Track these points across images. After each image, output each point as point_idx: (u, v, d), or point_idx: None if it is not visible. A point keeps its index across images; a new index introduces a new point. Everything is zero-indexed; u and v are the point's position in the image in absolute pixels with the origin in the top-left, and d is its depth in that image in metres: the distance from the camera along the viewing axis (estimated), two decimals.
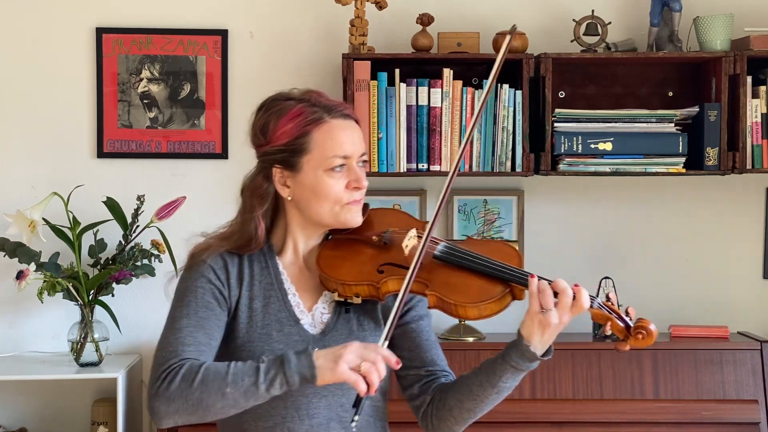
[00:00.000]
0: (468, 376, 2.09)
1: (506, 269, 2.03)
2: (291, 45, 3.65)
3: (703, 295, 3.72)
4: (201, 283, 2.08)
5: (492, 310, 2.02)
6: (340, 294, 2.10)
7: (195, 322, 2.03)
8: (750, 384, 3.37)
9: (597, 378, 3.37)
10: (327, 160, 2.06)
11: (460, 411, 2.08)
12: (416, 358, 2.15)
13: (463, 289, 2.03)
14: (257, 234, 2.11)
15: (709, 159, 3.43)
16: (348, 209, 2.10)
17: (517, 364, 2.01)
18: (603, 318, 2.03)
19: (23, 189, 3.62)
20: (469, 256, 2.06)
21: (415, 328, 2.15)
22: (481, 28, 3.61)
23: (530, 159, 3.43)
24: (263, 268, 2.13)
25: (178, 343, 2.00)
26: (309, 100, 2.11)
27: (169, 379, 1.93)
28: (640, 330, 2.02)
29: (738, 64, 3.41)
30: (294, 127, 2.07)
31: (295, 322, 2.10)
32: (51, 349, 3.63)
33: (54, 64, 3.63)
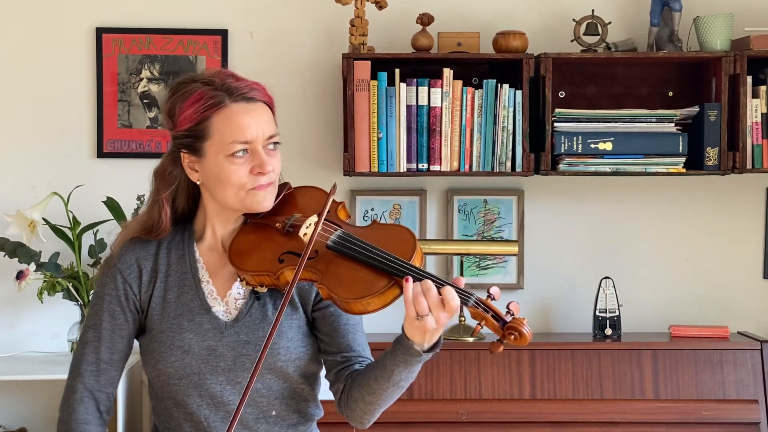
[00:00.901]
0: (368, 370, 2.07)
1: (392, 263, 1.97)
2: (291, 45, 3.65)
3: (703, 295, 3.72)
4: (108, 290, 2.14)
5: (377, 305, 1.97)
6: (247, 282, 2.09)
7: (99, 335, 2.13)
8: (750, 384, 3.37)
9: (597, 378, 3.37)
10: (227, 146, 2.03)
11: (364, 404, 2.07)
12: (333, 343, 2.12)
13: (348, 282, 1.98)
14: (161, 217, 2.11)
15: (709, 159, 3.43)
16: (253, 194, 2.06)
17: (405, 360, 1.98)
18: (478, 316, 1.94)
19: (23, 189, 3.62)
20: (358, 248, 2.00)
21: (333, 312, 2.12)
22: (481, 28, 3.61)
23: (530, 159, 3.43)
24: (180, 256, 2.14)
25: (83, 360, 2.14)
26: (213, 83, 2.06)
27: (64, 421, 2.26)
28: (512, 331, 1.91)
29: (738, 64, 3.40)
30: (194, 112, 2.05)
31: (207, 311, 2.10)
32: (51, 349, 3.63)
33: (54, 64, 3.63)
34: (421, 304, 1.91)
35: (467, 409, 3.30)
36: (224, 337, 2.09)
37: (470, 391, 3.33)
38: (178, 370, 2.08)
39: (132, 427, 3.51)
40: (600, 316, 3.54)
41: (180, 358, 2.08)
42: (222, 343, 2.08)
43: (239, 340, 2.08)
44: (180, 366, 2.08)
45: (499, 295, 1.95)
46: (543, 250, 3.69)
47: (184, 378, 2.08)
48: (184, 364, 2.08)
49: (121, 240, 2.16)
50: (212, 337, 2.09)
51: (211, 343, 2.08)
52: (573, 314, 3.68)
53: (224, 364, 2.08)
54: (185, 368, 2.08)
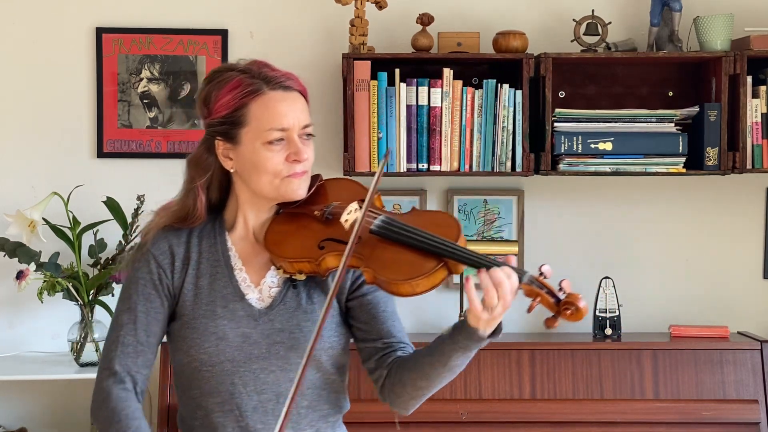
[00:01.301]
0: (421, 355, 2.07)
1: (441, 244, 1.98)
2: (291, 45, 3.65)
3: (703, 295, 3.72)
4: (142, 274, 2.12)
5: (425, 286, 1.98)
6: (284, 270, 2.08)
7: (134, 317, 2.10)
8: (750, 384, 3.37)
9: (597, 378, 3.37)
10: (264, 133, 2.05)
11: (414, 388, 2.07)
12: (372, 330, 2.13)
13: (396, 265, 1.99)
14: (196, 206, 2.12)
15: (709, 159, 3.43)
16: (288, 182, 2.08)
17: (465, 346, 1.99)
18: (532, 293, 1.96)
19: (23, 189, 3.62)
20: (404, 230, 2.02)
21: (371, 300, 2.13)
22: (481, 28, 3.61)
23: (530, 159, 3.43)
24: (212, 245, 2.14)
25: (119, 344, 2.09)
26: (250, 71, 2.10)
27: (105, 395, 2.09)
28: (568, 306, 1.93)
29: (738, 64, 3.40)
30: (232, 98, 2.07)
31: (240, 298, 2.10)
32: (51, 349, 3.63)
33: (54, 64, 3.63)
34: (492, 295, 1.91)
35: (467, 409, 3.30)
36: (258, 324, 2.08)
37: (470, 391, 3.33)
38: (212, 356, 2.07)
39: None
40: (600, 316, 3.54)
41: (214, 344, 2.07)
42: (256, 330, 2.08)
43: (273, 327, 2.08)
44: (214, 352, 2.07)
45: (550, 273, 1.98)
46: (543, 250, 3.69)
47: (217, 365, 2.07)
48: (218, 350, 2.07)
49: (154, 227, 2.15)
50: (246, 324, 2.08)
51: (245, 330, 2.08)
52: None
53: (258, 351, 2.07)
54: (219, 355, 2.07)
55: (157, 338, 2.13)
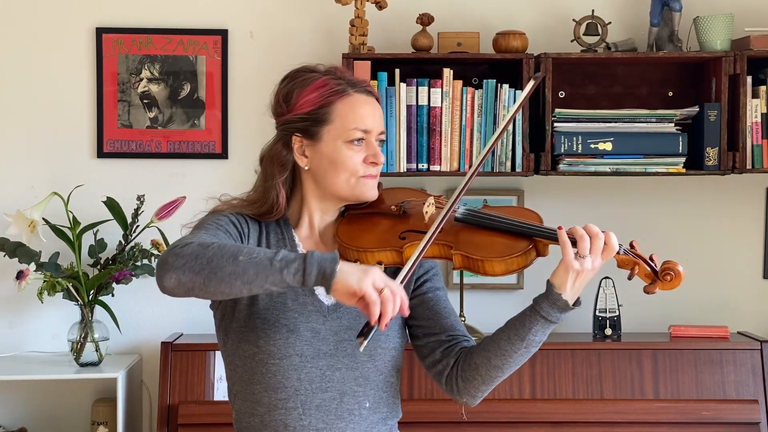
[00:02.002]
0: (495, 334, 2.09)
1: (529, 226, 2.05)
2: (291, 45, 3.65)
3: (703, 295, 3.72)
4: (223, 219, 2.08)
5: (519, 264, 2.03)
6: (361, 262, 2.08)
7: (213, 233, 2.01)
8: (750, 384, 3.37)
9: (597, 378, 3.37)
10: (347, 132, 2.08)
11: (488, 368, 2.08)
12: (436, 325, 2.15)
13: (488, 245, 2.04)
14: (278, 201, 2.12)
15: (709, 159, 3.43)
16: (364, 182, 2.11)
17: (548, 314, 2.03)
18: (630, 263, 2.05)
19: (23, 189, 3.62)
20: (491, 217, 2.08)
21: (432, 297, 2.16)
22: (481, 28, 3.61)
23: (530, 159, 3.43)
24: (279, 239, 2.14)
25: (194, 236, 1.97)
26: (334, 73, 2.14)
27: (185, 244, 1.90)
28: (668, 271, 2.04)
29: (738, 64, 3.41)
30: (318, 96, 2.09)
31: (311, 292, 2.10)
32: (51, 349, 3.63)
33: (54, 64, 3.63)
34: (586, 242, 1.98)
35: (467, 409, 3.30)
36: (327, 320, 2.08)
37: None
38: (281, 349, 2.05)
39: (132, 427, 3.51)
40: (600, 316, 3.54)
41: (285, 336, 2.05)
42: (325, 326, 2.08)
43: (342, 325, 2.08)
44: (284, 345, 2.05)
45: (639, 246, 2.08)
46: None
47: (286, 358, 2.05)
48: (288, 343, 2.05)
49: (228, 208, 2.12)
50: (316, 319, 2.08)
51: (315, 325, 2.07)
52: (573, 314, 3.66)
53: (326, 347, 2.07)
54: (288, 348, 2.05)
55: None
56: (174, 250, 1.90)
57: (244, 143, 3.65)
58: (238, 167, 3.62)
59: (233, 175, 3.61)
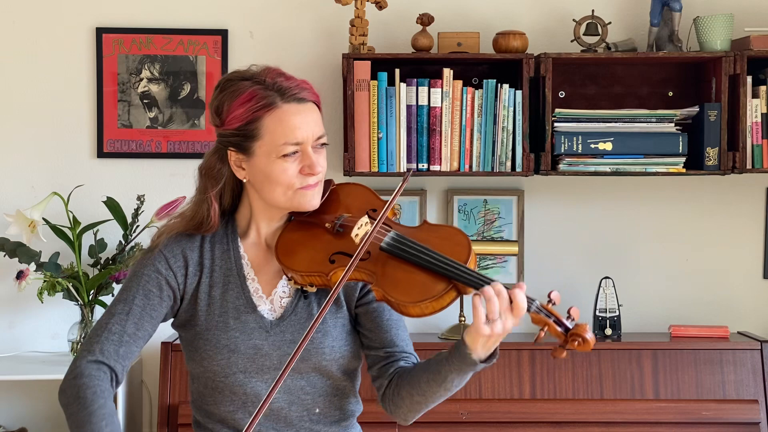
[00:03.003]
0: (419, 370, 2.07)
1: (450, 266, 1.98)
2: (291, 45, 3.65)
3: (703, 295, 3.72)
4: (148, 271, 2.10)
5: (433, 308, 1.98)
6: (296, 282, 2.09)
7: (128, 309, 2.08)
8: (750, 384, 3.37)
9: (597, 378, 3.37)
10: (278, 147, 2.04)
11: (411, 402, 2.08)
12: (376, 338, 2.13)
13: (405, 286, 1.99)
14: (209, 215, 2.11)
15: (709, 159, 3.43)
16: (302, 194, 2.08)
17: (459, 368, 1.99)
18: (540, 321, 1.96)
19: (23, 189, 3.62)
20: (414, 250, 2.01)
21: (376, 308, 2.13)
22: (481, 28, 3.61)
23: (530, 159, 3.43)
24: (224, 251, 2.13)
25: (106, 330, 2.07)
26: (263, 81, 2.06)
27: (75, 375, 2.05)
28: (576, 337, 1.94)
29: (738, 64, 3.40)
30: (245, 111, 2.05)
31: (252, 310, 2.10)
32: (51, 349, 3.63)
33: (54, 64, 3.63)
34: (494, 307, 1.91)
35: (467, 409, 3.30)
36: (270, 336, 2.09)
37: (470, 391, 3.33)
38: (224, 368, 2.07)
39: (132, 427, 3.51)
40: (600, 316, 3.54)
41: (226, 357, 2.07)
42: (268, 342, 2.08)
43: (285, 339, 2.09)
44: (226, 365, 2.07)
45: (559, 299, 1.98)
46: (543, 250, 3.69)
47: (229, 376, 2.08)
48: (230, 362, 2.07)
49: (166, 232, 2.14)
50: (258, 336, 2.09)
51: (257, 342, 2.08)
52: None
53: (269, 363, 2.08)
54: (231, 367, 2.07)
55: (147, 335, 2.10)
56: (68, 377, 2.07)
57: None
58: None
59: None
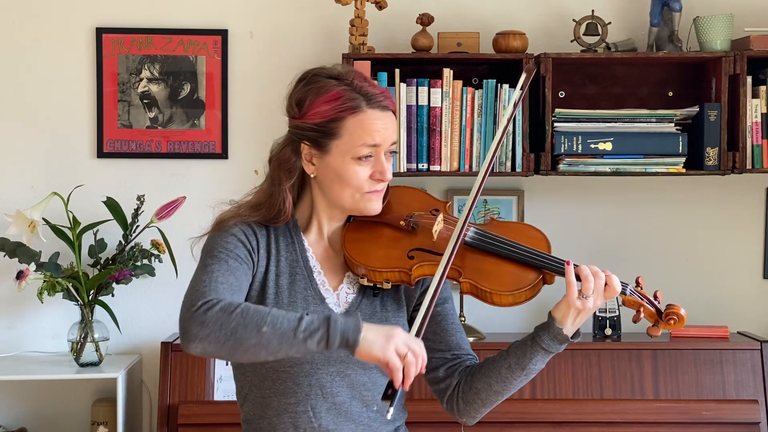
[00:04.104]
0: (496, 359, 2.11)
1: (539, 256, 2.06)
2: (291, 45, 3.65)
3: (703, 295, 3.72)
4: (231, 239, 2.06)
5: (527, 296, 2.06)
6: (369, 279, 2.09)
7: (226, 267, 2.00)
8: (750, 384, 3.37)
9: (597, 378, 3.37)
10: (356, 148, 2.05)
11: (488, 393, 2.11)
12: (442, 341, 2.16)
13: (497, 276, 2.05)
14: (285, 207, 2.10)
15: (709, 159, 3.43)
16: (368, 198, 2.09)
17: (548, 346, 2.06)
18: (635, 304, 2.06)
19: (23, 189, 3.62)
20: (501, 243, 2.09)
21: (440, 311, 2.17)
22: (481, 28, 3.61)
23: (530, 159, 3.43)
24: (289, 243, 2.13)
25: (211, 281, 1.96)
26: (351, 83, 2.07)
27: (207, 307, 1.88)
28: (671, 316, 2.05)
29: (738, 64, 3.41)
30: (330, 109, 2.05)
31: (321, 301, 2.10)
32: (51, 349, 3.63)
33: (54, 64, 3.63)
34: (590, 284, 2.01)
35: None
36: None
37: None
38: (293, 357, 2.04)
39: (132, 427, 3.51)
40: (600, 316, 3.54)
41: None
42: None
43: None
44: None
45: (644, 283, 2.09)
46: None
47: (296, 366, 2.06)
48: None
49: (235, 218, 2.10)
50: None
51: None
52: None
53: (337, 354, 2.06)
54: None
55: (243, 292, 2.03)
56: (196, 314, 1.88)
57: (244, 143, 3.65)
58: (238, 167, 3.62)
59: (233, 175, 3.61)
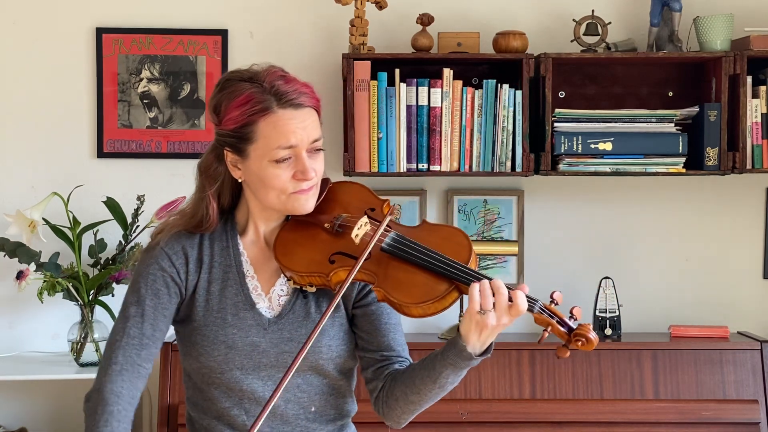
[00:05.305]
0: (414, 369, 2.08)
1: (451, 266, 1.99)
2: (291, 45, 3.65)
3: (703, 295, 3.72)
4: (153, 270, 2.11)
5: (436, 309, 1.99)
6: (295, 282, 2.09)
7: (142, 311, 2.08)
8: (750, 384, 3.37)
9: (597, 378, 3.37)
10: (272, 152, 2.03)
11: (405, 403, 2.09)
12: (373, 341, 2.14)
13: (407, 287, 2.00)
14: (208, 213, 2.12)
15: (709, 159, 3.43)
16: (295, 198, 2.07)
17: (454, 362, 2.00)
18: (544, 322, 1.98)
19: (23, 189, 3.62)
20: (415, 251, 2.03)
21: (374, 310, 2.14)
22: (481, 28, 3.61)
23: (530, 159, 3.43)
24: (224, 248, 2.14)
25: (125, 336, 2.08)
26: (261, 84, 2.04)
27: (86, 399, 2.11)
28: (578, 337, 1.97)
29: (738, 64, 3.40)
30: (240, 114, 2.05)
31: (251, 307, 2.11)
32: (51, 349, 3.63)
33: (54, 64, 3.63)
34: (488, 299, 1.94)
35: (467, 409, 3.30)
36: (267, 333, 2.09)
37: (470, 391, 3.33)
38: (221, 364, 2.08)
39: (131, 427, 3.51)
40: (600, 316, 3.54)
41: (223, 353, 2.08)
42: (265, 339, 2.09)
43: (282, 337, 2.09)
44: (223, 361, 2.08)
45: (561, 299, 2.00)
46: (543, 250, 3.69)
47: (226, 372, 2.08)
48: (227, 359, 2.08)
49: (166, 229, 2.14)
50: (256, 333, 2.09)
51: (254, 339, 2.09)
52: None
53: (267, 360, 2.09)
54: (228, 363, 2.08)
55: (162, 334, 2.12)
56: (89, 401, 2.12)
57: None
58: None
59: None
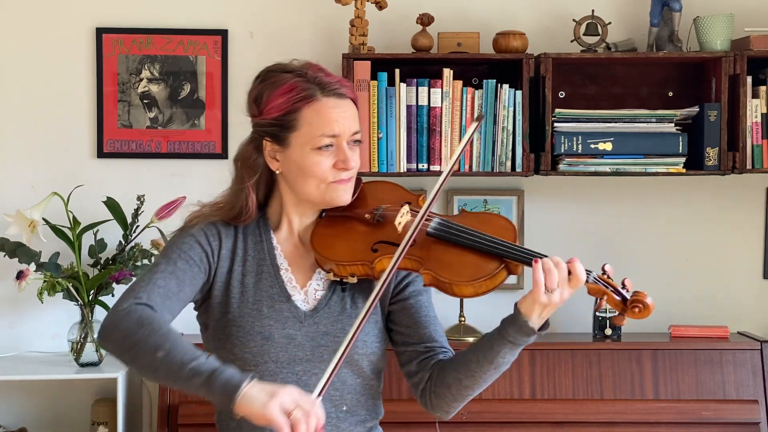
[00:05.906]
0: (465, 354, 2.08)
1: (501, 245, 2.01)
2: (291, 45, 3.65)
3: (703, 295, 3.72)
4: (188, 240, 2.08)
5: (487, 287, 2.01)
6: (335, 274, 2.08)
7: (172, 269, 2.03)
8: (750, 384, 3.37)
9: (597, 378, 3.37)
10: (314, 139, 2.04)
11: (459, 388, 2.08)
12: (414, 334, 2.13)
13: (457, 266, 2.01)
14: (247, 205, 2.11)
15: (709, 159, 3.43)
16: (334, 188, 2.08)
17: (515, 339, 2.00)
18: (599, 292, 2.00)
19: (23, 189, 3.62)
20: (463, 232, 2.04)
21: (413, 304, 2.14)
22: (481, 28, 3.61)
23: (530, 159, 3.43)
24: (257, 242, 2.13)
25: (151, 282, 2.00)
26: (305, 74, 2.08)
27: (128, 312, 1.93)
28: (636, 304, 1.98)
29: (738, 64, 3.41)
30: (284, 102, 2.06)
31: (287, 299, 2.09)
32: (51, 349, 3.63)
33: (54, 64, 3.63)
34: (554, 277, 1.96)
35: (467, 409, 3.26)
36: (303, 326, 2.08)
37: None
38: (256, 356, 2.05)
39: (132, 427, 3.51)
40: (600, 316, 3.54)
41: (259, 344, 2.06)
42: (301, 332, 2.07)
43: (318, 330, 2.08)
44: (258, 352, 2.06)
45: (612, 272, 2.02)
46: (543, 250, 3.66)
47: (261, 365, 2.06)
48: (263, 350, 2.06)
49: (201, 218, 2.12)
50: (292, 325, 2.07)
51: (290, 332, 2.07)
52: (573, 314, 3.68)
53: (302, 354, 2.07)
54: (263, 355, 2.06)
55: (185, 301, 2.06)
56: (117, 314, 1.93)
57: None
58: None
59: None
